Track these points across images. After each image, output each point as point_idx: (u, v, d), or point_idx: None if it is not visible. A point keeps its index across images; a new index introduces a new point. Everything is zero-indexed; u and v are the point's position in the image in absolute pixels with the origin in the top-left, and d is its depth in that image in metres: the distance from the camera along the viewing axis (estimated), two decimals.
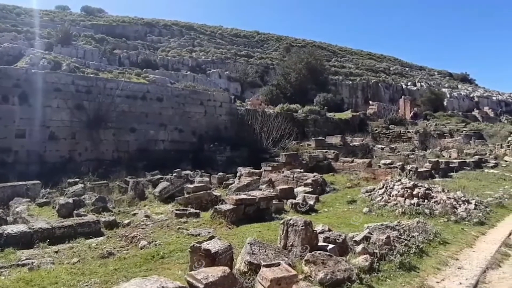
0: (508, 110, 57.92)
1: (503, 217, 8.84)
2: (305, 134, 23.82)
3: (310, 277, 4.19)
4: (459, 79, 73.48)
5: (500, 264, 5.68)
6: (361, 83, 51.50)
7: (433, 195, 8.96)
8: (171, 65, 42.02)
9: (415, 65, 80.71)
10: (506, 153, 23.70)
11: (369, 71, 60.28)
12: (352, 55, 72.13)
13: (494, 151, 24.07)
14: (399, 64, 75.98)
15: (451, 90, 58.21)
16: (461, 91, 60.10)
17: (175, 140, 19.48)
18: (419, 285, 4.63)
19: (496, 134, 27.98)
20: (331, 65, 55.38)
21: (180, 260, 5.18)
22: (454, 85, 64.77)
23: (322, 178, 12.32)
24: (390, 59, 79.11)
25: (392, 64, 72.62)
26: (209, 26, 66.53)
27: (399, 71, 67.66)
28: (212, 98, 21.61)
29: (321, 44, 73.30)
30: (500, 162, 21.01)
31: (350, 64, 61.81)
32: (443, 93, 53.38)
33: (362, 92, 50.72)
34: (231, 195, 9.13)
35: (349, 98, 48.55)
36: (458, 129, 29.42)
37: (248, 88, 42.68)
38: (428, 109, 43.20)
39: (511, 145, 24.00)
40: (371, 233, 5.61)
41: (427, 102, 46.13)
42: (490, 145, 25.68)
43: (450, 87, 61.68)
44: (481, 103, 56.11)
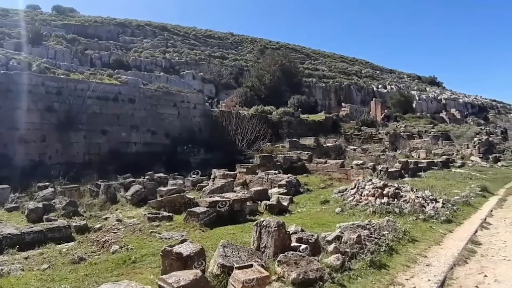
0: (474, 112, 60.36)
1: (470, 215, 9.13)
2: (280, 136, 23.98)
3: (283, 277, 4.20)
4: (428, 82, 76.03)
5: (466, 260, 5.85)
6: (334, 86, 52.37)
7: (403, 194, 9.18)
8: (144, 66, 41.40)
9: (385, 68, 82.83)
10: (472, 153, 24.68)
11: (342, 73, 61.38)
12: (325, 58, 73.26)
13: (460, 152, 25.03)
14: (370, 67, 77.72)
15: (419, 93, 60.10)
16: (429, 93, 62.15)
17: (148, 142, 19.17)
18: (389, 282, 4.71)
19: (463, 135, 29.08)
20: (304, 67, 56.02)
21: (152, 264, 5.12)
22: (422, 87, 66.91)
23: (296, 179, 12.42)
24: (362, 62, 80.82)
25: (363, 67, 74.18)
26: (183, 27, 65.96)
27: (370, 74, 69.23)
28: (185, 99, 21.42)
29: (295, 47, 74.09)
30: (466, 162, 21.85)
31: (323, 67, 62.73)
32: (412, 96, 55.02)
33: (335, 94, 51.57)
34: (205, 197, 9.07)
35: (323, 100, 49.26)
36: (427, 130, 30.39)
37: (223, 89, 42.58)
38: (398, 111, 44.39)
39: (477, 146, 25.00)
40: (343, 233, 5.69)
41: (397, 104, 47.40)
42: (457, 145, 26.68)
43: (419, 89, 63.68)
44: (448, 105, 58.23)
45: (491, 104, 70.86)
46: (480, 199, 11.33)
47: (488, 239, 7.10)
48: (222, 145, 19.24)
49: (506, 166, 22.48)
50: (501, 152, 26.23)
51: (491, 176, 17.21)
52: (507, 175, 18.22)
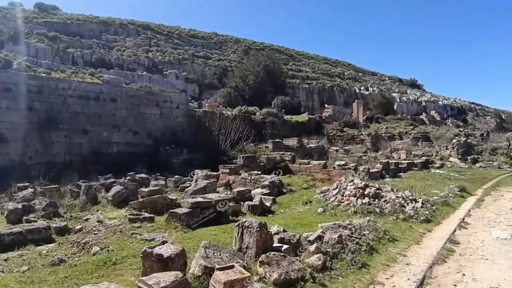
0: (453, 114, 61.77)
1: (448, 214, 9.29)
2: (263, 136, 23.99)
3: (264, 278, 4.20)
4: (408, 84, 77.48)
5: (445, 259, 5.93)
6: (317, 87, 52.78)
7: (383, 194, 9.30)
8: (126, 65, 40.94)
9: (367, 70, 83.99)
10: (451, 154, 25.24)
11: (325, 75, 61.93)
12: (309, 59, 73.80)
13: (440, 153, 25.56)
14: (353, 69, 78.71)
15: (400, 95, 61.17)
16: (410, 95, 63.32)
17: (130, 142, 18.93)
18: (370, 281, 4.75)
19: (442, 137, 29.71)
20: (288, 68, 56.30)
21: (133, 266, 5.06)
22: (403, 90, 68.13)
23: (279, 180, 12.44)
24: (345, 64, 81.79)
25: (346, 69, 75.07)
26: (166, 26, 65.41)
27: (353, 76, 70.09)
28: (168, 99, 21.23)
29: (279, 48, 74.39)
30: (445, 163, 22.32)
31: (306, 68, 63.17)
32: (393, 98, 55.98)
33: (318, 96, 51.99)
34: (187, 198, 9.00)
35: (306, 101, 49.59)
36: (407, 132, 30.94)
37: (206, 89, 42.40)
38: (380, 112, 45.07)
39: (456, 147, 25.57)
40: (325, 233, 5.73)
41: (378, 106, 48.14)
42: (436, 147, 27.25)
43: (400, 92, 64.81)
44: (428, 107, 59.45)
45: (470, 106, 72.65)
46: (459, 199, 11.56)
47: (466, 239, 7.22)
48: (205, 146, 19.14)
49: (484, 167, 23.06)
50: (479, 153, 26.89)
51: (470, 176, 17.59)
52: (485, 176, 18.67)
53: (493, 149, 27.84)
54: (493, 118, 66.25)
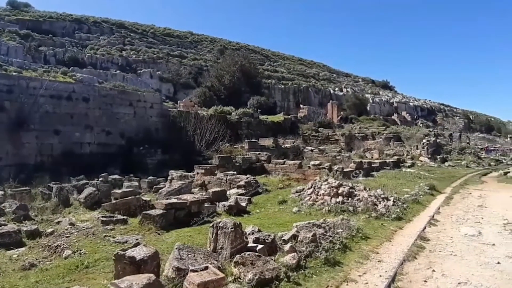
0: (423, 115, 63.68)
1: (419, 212, 9.55)
2: (239, 137, 23.97)
3: (239, 278, 4.19)
4: (381, 85, 79.25)
5: (416, 256, 6.07)
6: (293, 87, 53.21)
7: (356, 193, 9.46)
8: (99, 63, 40.15)
9: (342, 72, 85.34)
10: (421, 154, 26.01)
11: (300, 76, 62.49)
12: (284, 60, 74.26)
13: (411, 152, 26.30)
14: (328, 70, 79.79)
15: (373, 96, 62.51)
16: (382, 97, 64.80)
17: (102, 142, 18.55)
18: (343, 279, 4.82)
19: (413, 137, 30.59)
20: (264, 69, 56.46)
21: (105, 269, 4.98)
22: (376, 91, 69.62)
23: (255, 180, 12.44)
24: (320, 65, 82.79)
25: (321, 70, 76.01)
26: (141, 25, 64.38)
27: (328, 77, 71.05)
28: (142, 98, 20.89)
29: (255, 48, 74.51)
30: (416, 162, 22.97)
31: (282, 69, 63.55)
32: (366, 99, 57.17)
33: (293, 96, 52.41)
34: (161, 199, 8.88)
35: (282, 101, 49.88)
36: (380, 132, 31.67)
37: (181, 89, 42.00)
38: (353, 113, 45.91)
39: (426, 147, 26.37)
40: (299, 232, 5.77)
41: (352, 106, 49.03)
42: (407, 146, 28.03)
43: (373, 93, 66.22)
44: (400, 108, 61.01)
45: (439, 107, 75.05)
46: (429, 197, 11.90)
47: (436, 235, 7.42)
48: (180, 146, 18.94)
49: (452, 166, 23.88)
50: (448, 152, 27.87)
51: (439, 175, 18.16)
52: (453, 175, 19.32)
53: (461, 149, 28.90)
54: (461, 118, 68.79)
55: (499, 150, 37.54)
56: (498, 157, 31.68)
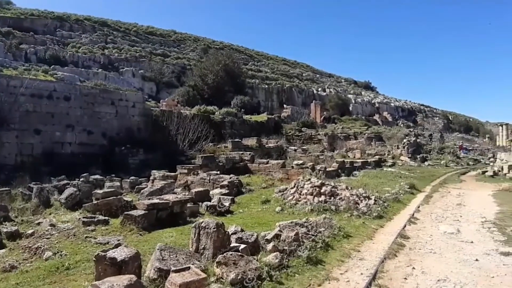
0: (404, 115, 64.82)
1: (399, 210, 9.75)
2: (222, 136, 23.89)
3: (222, 278, 4.19)
4: (363, 86, 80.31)
5: (396, 254, 6.19)
6: (277, 87, 53.32)
7: (339, 192, 9.57)
8: (81, 62, 39.55)
9: (325, 72, 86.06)
10: (402, 153, 26.48)
11: (284, 76, 62.70)
12: (268, 60, 74.38)
13: (392, 152, 26.74)
14: (311, 70, 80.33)
15: (355, 96, 63.27)
16: (364, 97, 65.65)
17: (84, 142, 18.27)
18: (325, 277, 4.87)
19: (394, 137, 31.13)
20: (248, 68, 56.42)
21: (86, 271, 4.94)
22: (358, 91, 70.49)
23: (238, 180, 12.44)
24: (303, 65, 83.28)
25: (304, 71, 76.46)
26: (124, 23, 63.49)
27: (311, 77, 71.54)
28: (124, 97, 20.61)
29: (239, 48, 74.39)
30: (397, 162, 23.38)
31: (266, 69, 63.62)
32: (349, 99, 57.87)
33: (277, 96, 52.52)
34: (143, 200, 8.78)
35: (265, 101, 49.93)
36: (362, 132, 32.12)
37: (164, 88, 41.60)
38: (336, 113, 46.40)
39: (406, 147, 26.85)
40: (282, 231, 5.79)
41: (335, 106, 49.54)
42: (389, 146, 28.50)
43: (355, 93, 67.01)
44: (381, 109, 61.94)
45: (419, 108, 76.50)
46: (409, 196, 12.16)
47: (416, 233, 7.59)
48: (163, 146, 18.75)
49: (432, 165, 24.39)
50: (428, 152, 28.46)
51: (419, 174, 18.54)
52: (433, 174, 19.75)
53: (441, 148, 29.55)
54: (441, 119, 70.32)
55: (477, 149, 38.54)
56: (477, 157, 32.52)
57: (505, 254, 6.18)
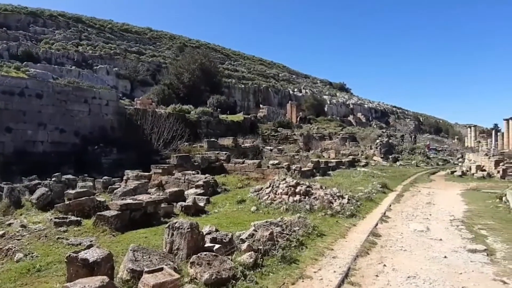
0: (377, 116, 66.28)
1: (372, 209, 9.95)
2: (198, 136, 23.72)
3: (196, 279, 4.17)
4: (338, 87, 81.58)
5: (368, 251, 6.32)
6: (253, 87, 53.43)
7: (313, 192, 9.70)
8: (54, 59, 38.61)
9: (301, 73, 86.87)
10: (375, 153, 27.05)
11: (260, 76, 62.89)
12: (245, 60, 74.40)
13: (365, 152, 27.30)
14: (287, 71, 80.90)
15: (331, 97, 64.22)
16: (339, 98, 66.73)
17: (56, 141, 17.82)
18: (299, 276, 4.93)
19: (367, 137, 31.79)
20: (224, 68, 56.25)
21: (58, 273, 4.85)
22: (333, 93, 71.57)
23: (213, 180, 12.39)
24: (279, 66, 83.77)
25: (281, 71, 76.92)
26: (99, 20, 62.14)
27: (287, 77, 72.04)
28: (98, 95, 20.17)
29: (215, 47, 74.07)
30: (370, 162, 23.87)
31: (242, 68, 63.62)
32: (324, 100, 58.66)
33: (253, 96, 52.63)
34: (116, 200, 8.63)
35: (242, 101, 49.96)
36: (336, 132, 32.65)
37: (139, 86, 40.99)
38: (312, 113, 46.92)
39: (379, 147, 27.46)
40: (256, 231, 5.82)
41: (310, 107, 50.09)
42: (362, 146, 29.09)
43: (330, 94, 68.02)
44: (355, 110, 63.13)
45: (392, 109, 78.42)
46: (381, 195, 12.43)
47: (387, 231, 7.76)
48: (137, 145, 18.44)
49: (403, 165, 25.03)
50: (399, 152, 29.20)
51: (391, 174, 18.98)
52: (404, 173, 20.27)
53: (412, 149, 30.39)
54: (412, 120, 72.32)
55: (447, 150, 39.86)
56: (446, 157, 33.63)
57: (472, 251, 6.38)
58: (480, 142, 43.37)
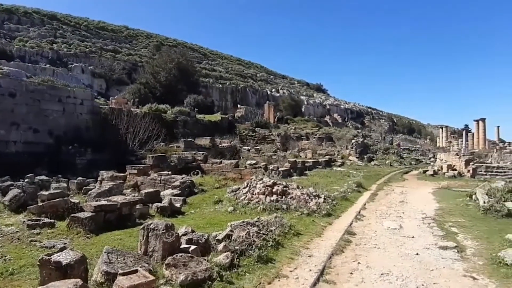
0: (353, 117, 67.45)
1: (347, 208, 10.14)
2: (174, 136, 23.51)
3: (171, 280, 4.15)
4: (315, 88, 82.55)
5: (343, 250, 6.43)
6: (231, 87, 53.36)
7: (290, 191, 9.79)
8: (28, 56, 37.66)
9: (278, 73, 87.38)
10: (351, 153, 27.53)
11: (238, 76, 62.89)
12: (223, 59, 74.22)
13: (341, 152, 27.74)
14: (265, 71, 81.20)
15: (308, 98, 64.89)
16: (316, 99, 67.52)
17: (29, 141, 17.33)
18: (275, 275, 4.97)
19: (343, 137, 32.33)
20: (202, 67, 55.96)
21: (31, 276, 4.74)
22: (310, 93, 72.35)
23: (190, 180, 12.30)
24: (257, 66, 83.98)
25: (258, 71, 77.13)
26: (74, 17, 60.77)
27: (265, 78, 72.31)
28: (72, 95, 19.70)
29: (193, 46, 73.57)
30: (345, 161, 24.29)
31: (220, 68, 63.45)
32: (301, 100, 59.25)
33: (231, 96, 52.56)
34: (90, 201, 8.47)
35: (219, 101, 49.80)
36: (313, 133, 33.05)
37: (114, 85, 40.30)
38: (289, 114, 47.29)
39: (354, 147, 27.96)
40: (233, 231, 5.84)
41: (288, 107, 50.48)
42: (338, 146, 29.56)
43: (307, 95, 68.73)
44: (332, 110, 64.03)
45: (367, 110, 79.98)
46: (356, 194, 12.68)
47: (362, 230, 7.92)
48: (112, 145, 18.13)
49: (378, 165, 25.58)
50: (374, 152, 29.84)
51: (366, 173, 19.36)
52: (378, 173, 20.72)
53: (386, 149, 31.09)
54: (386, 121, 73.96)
55: (419, 150, 40.96)
56: (418, 157, 34.56)
57: (443, 248, 6.58)
58: (451, 142, 44.83)
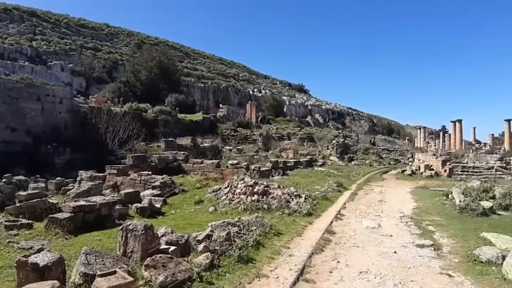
0: (334, 118, 68.22)
1: (327, 207, 10.26)
2: (155, 135, 23.26)
3: (150, 282, 4.13)
4: (297, 89, 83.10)
5: (323, 249, 6.51)
6: (213, 87, 53.16)
7: (271, 191, 9.84)
8: (7, 54, 36.88)
9: (261, 73, 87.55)
10: (331, 153, 27.87)
11: (220, 75, 62.71)
12: (205, 59, 73.86)
13: (322, 152, 28.04)
14: (247, 71, 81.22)
15: (290, 98, 65.28)
16: (298, 99, 67.98)
17: (6, 140, 16.87)
18: (255, 275, 5.00)
19: (324, 138, 32.68)
20: (183, 66, 55.57)
21: (9, 278, 4.65)
22: (292, 94, 72.79)
23: (171, 180, 12.22)
24: (240, 66, 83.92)
25: (241, 71, 77.10)
26: (54, 14, 59.46)
27: (247, 78, 72.34)
28: (51, 93, 19.27)
29: (174, 44, 72.96)
30: (326, 161, 24.57)
31: (202, 67, 63.13)
32: (283, 101, 59.57)
33: (213, 95, 52.36)
34: (69, 202, 8.33)
35: (201, 100, 49.55)
36: (295, 133, 33.29)
37: (94, 83, 39.65)
38: (271, 114, 47.47)
39: (335, 147, 28.31)
40: (214, 231, 5.84)
41: (270, 107, 50.67)
42: (319, 147, 29.88)
43: (289, 95, 69.14)
44: (313, 111, 64.58)
45: (348, 111, 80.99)
46: (336, 193, 12.84)
47: (341, 229, 8.03)
48: (91, 145, 17.80)
49: (358, 165, 25.98)
50: (354, 153, 30.30)
51: (346, 173, 19.62)
52: (358, 172, 21.02)
53: (366, 149, 31.60)
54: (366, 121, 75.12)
55: (398, 150, 41.79)
56: (397, 157, 35.25)
57: (420, 246, 6.74)
58: (429, 143, 45.87)
